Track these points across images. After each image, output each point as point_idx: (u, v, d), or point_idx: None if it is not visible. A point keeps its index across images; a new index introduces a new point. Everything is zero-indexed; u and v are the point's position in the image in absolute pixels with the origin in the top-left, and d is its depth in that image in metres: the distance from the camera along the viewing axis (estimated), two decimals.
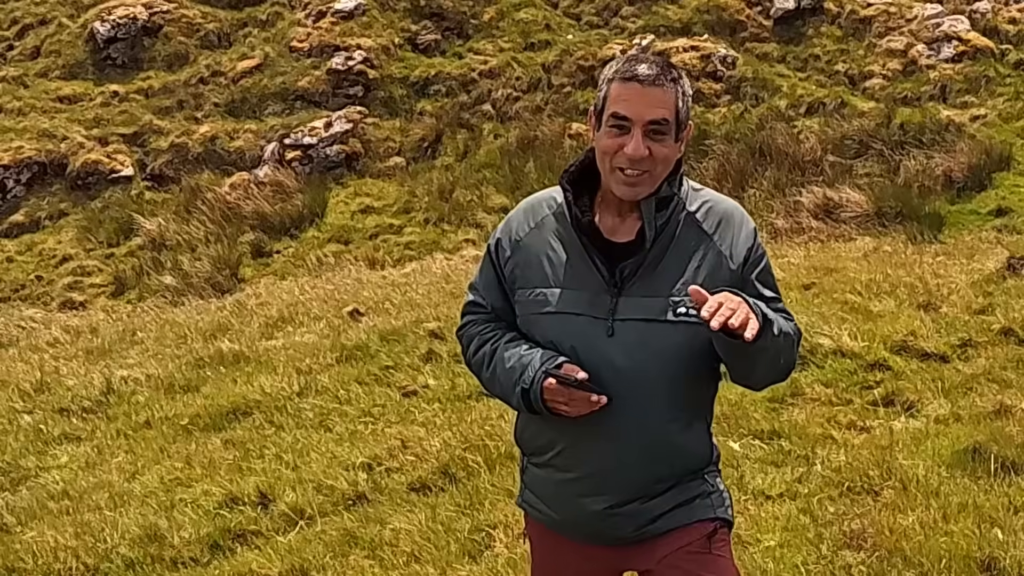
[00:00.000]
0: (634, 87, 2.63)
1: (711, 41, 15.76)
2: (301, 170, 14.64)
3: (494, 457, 5.79)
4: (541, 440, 2.86)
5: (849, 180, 12.71)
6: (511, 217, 2.88)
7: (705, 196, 2.80)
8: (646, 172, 2.65)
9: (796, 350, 2.80)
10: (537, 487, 2.92)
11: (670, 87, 2.65)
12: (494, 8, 16.82)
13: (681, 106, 2.67)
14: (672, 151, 2.69)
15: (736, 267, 2.73)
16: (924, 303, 7.87)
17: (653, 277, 2.69)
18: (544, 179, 13.82)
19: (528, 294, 2.78)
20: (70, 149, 15.17)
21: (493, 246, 2.88)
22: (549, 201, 2.84)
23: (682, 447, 2.79)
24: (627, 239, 2.72)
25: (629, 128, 2.63)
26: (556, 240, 2.77)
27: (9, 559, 5.23)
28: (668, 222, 2.71)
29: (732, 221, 2.77)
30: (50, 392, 8.21)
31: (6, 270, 13.72)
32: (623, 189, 2.67)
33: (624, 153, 2.63)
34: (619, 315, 2.68)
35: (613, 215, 2.75)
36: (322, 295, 10.38)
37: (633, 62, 2.67)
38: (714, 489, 2.86)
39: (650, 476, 2.77)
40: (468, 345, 2.94)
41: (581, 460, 2.77)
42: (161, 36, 16.78)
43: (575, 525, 2.85)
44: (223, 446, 6.54)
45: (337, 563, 4.87)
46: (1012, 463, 5.22)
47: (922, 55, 15.12)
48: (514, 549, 4.79)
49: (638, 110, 2.62)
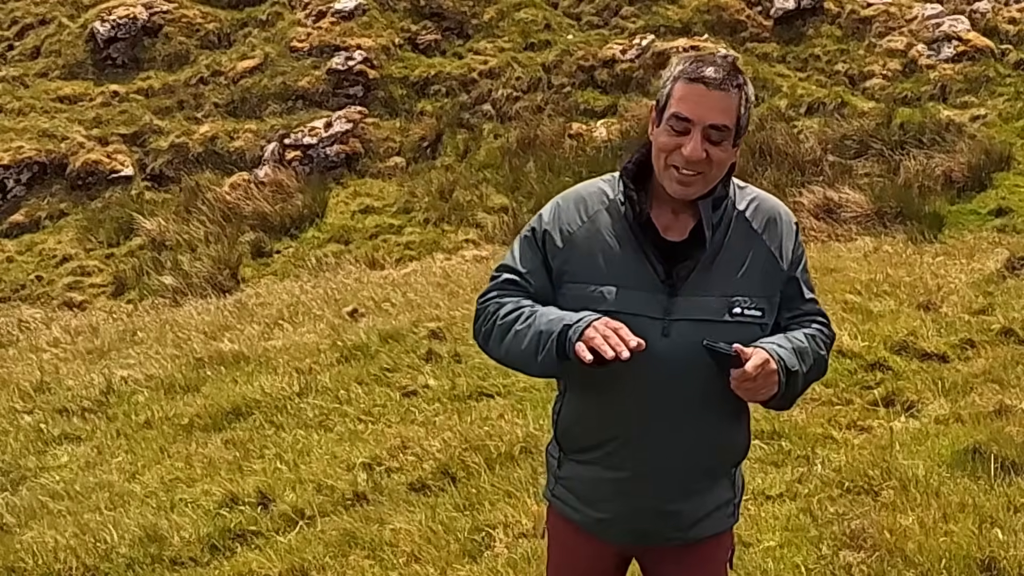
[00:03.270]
0: (699, 89, 2.62)
1: (711, 41, 15.75)
2: (301, 170, 14.63)
3: (494, 457, 5.79)
4: (595, 436, 2.82)
5: (849, 180, 12.71)
6: (560, 208, 2.81)
7: (751, 193, 2.82)
8: (700, 174, 2.65)
9: (826, 361, 2.85)
10: (576, 484, 2.90)
11: (735, 92, 2.64)
12: (494, 8, 16.81)
13: (743, 112, 2.67)
14: (729, 156, 2.69)
15: (785, 267, 2.77)
16: (924, 303, 7.87)
17: (707, 277, 2.70)
18: (544, 179, 13.83)
19: (581, 290, 2.72)
20: (70, 149, 15.16)
21: (540, 236, 2.80)
22: (600, 195, 2.79)
23: (731, 442, 2.86)
24: (680, 238, 2.72)
25: (689, 129, 2.62)
26: (611, 236, 2.73)
27: (9, 559, 5.23)
28: (721, 221, 2.72)
29: (779, 220, 2.80)
30: (50, 392, 8.20)
31: (6, 270, 13.71)
32: (675, 187, 2.67)
33: (681, 153, 2.62)
34: (674, 315, 2.68)
35: (667, 213, 2.74)
36: (322, 295, 10.38)
37: (701, 63, 2.66)
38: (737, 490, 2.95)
39: (699, 472, 2.82)
40: (500, 307, 2.78)
41: (633, 457, 2.77)
42: (161, 36, 16.77)
43: (616, 523, 2.86)
44: (223, 446, 6.54)
45: (337, 563, 4.87)
46: (1012, 463, 5.22)
47: (922, 55, 15.12)
48: (514, 549, 4.79)
49: (700, 112, 2.61)
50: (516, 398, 6.80)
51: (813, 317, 2.84)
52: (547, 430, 6.08)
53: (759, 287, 2.71)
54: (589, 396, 2.79)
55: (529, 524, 5.00)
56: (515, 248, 2.85)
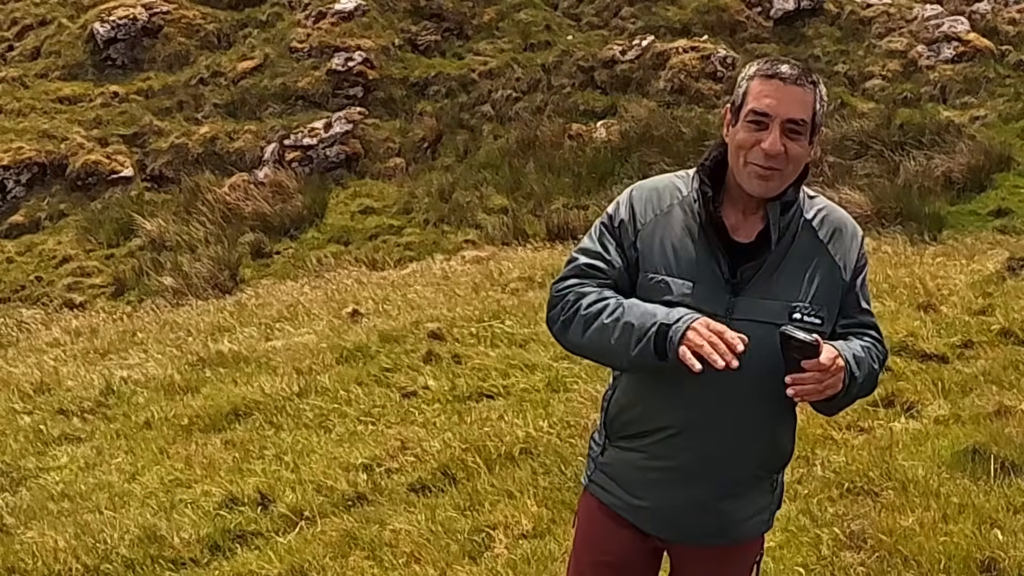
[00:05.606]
0: (776, 84, 2.67)
1: (711, 42, 15.76)
2: (301, 171, 14.63)
3: (494, 458, 5.79)
4: (645, 424, 2.84)
5: (849, 181, 12.71)
6: (634, 200, 2.84)
7: (819, 204, 2.86)
8: (778, 170, 2.68)
9: (877, 377, 2.86)
10: (617, 470, 2.92)
11: (810, 88, 2.69)
12: (494, 9, 16.82)
13: (819, 108, 2.71)
14: (805, 152, 2.72)
15: (848, 278, 2.80)
16: (924, 304, 7.87)
17: (771, 280, 2.73)
18: (544, 179, 13.83)
19: (649, 279, 2.76)
20: (70, 150, 15.16)
21: (616, 225, 2.82)
22: (673, 190, 2.84)
23: (778, 444, 2.90)
24: (747, 239, 2.75)
25: (767, 124, 2.66)
26: (682, 231, 2.77)
27: (9, 560, 5.23)
28: (788, 226, 2.75)
29: (845, 231, 2.84)
30: (50, 393, 8.20)
31: (6, 271, 13.71)
32: (754, 182, 2.70)
33: (760, 148, 2.66)
34: (736, 314, 2.71)
35: (738, 214, 2.77)
36: (322, 296, 10.38)
37: (775, 62, 2.72)
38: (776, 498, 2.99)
39: (744, 471, 2.85)
40: (582, 296, 2.76)
41: (681, 449, 2.80)
42: (161, 37, 16.78)
43: (655, 513, 2.88)
44: (223, 447, 6.54)
45: (337, 564, 4.87)
46: (1012, 464, 5.22)
47: (922, 56, 15.13)
48: (514, 550, 4.79)
49: (778, 107, 2.66)
50: (516, 399, 6.80)
51: (868, 331, 2.86)
52: (547, 431, 6.10)
53: (821, 295, 2.75)
54: (646, 385, 2.83)
55: (529, 525, 5.00)
56: (593, 233, 2.88)
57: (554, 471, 5.56)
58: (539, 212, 13.31)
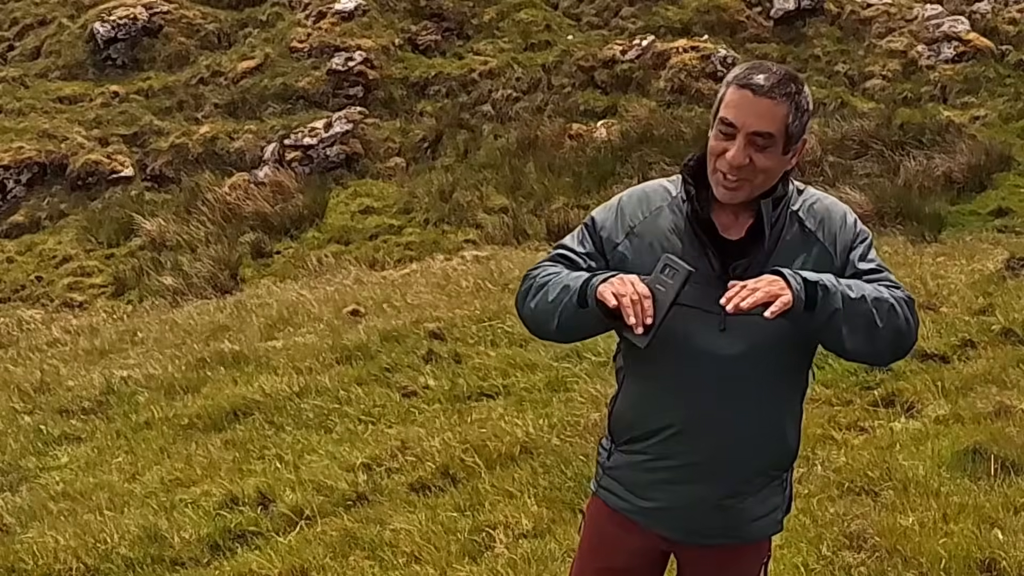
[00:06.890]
0: (745, 95, 2.63)
1: (711, 42, 15.76)
2: (301, 171, 14.64)
3: (494, 458, 5.79)
4: (647, 425, 2.85)
5: (849, 180, 12.72)
6: (622, 204, 2.86)
7: (807, 195, 2.84)
8: (745, 180, 2.66)
9: (904, 315, 2.70)
10: (624, 473, 2.93)
11: (782, 101, 2.64)
12: (494, 9, 16.82)
13: (792, 121, 2.65)
14: (777, 164, 2.69)
15: (840, 257, 2.77)
16: (924, 304, 7.87)
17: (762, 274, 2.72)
18: (544, 179, 13.83)
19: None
20: (70, 149, 15.17)
21: (597, 230, 2.84)
22: (662, 192, 2.85)
23: (782, 440, 2.89)
24: (738, 236, 2.75)
25: (734, 134, 2.64)
26: (671, 232, 2.77)
27: (9, 560, 5.23)
28: (777, 221, 2.74)
29: (833, 215, 2.80)
30: (50, 392, 8.20)
31: (6, 270, 13.71)
32: (720, 191, 2.70)
33: (725, 158, 2.65)
34: None
35: (727, 211, 2.77)
36: (322, 295, 10.38)
37: (753, 70, 2.68)
38: (787, 498, 2.98)
39: (750, 470, 2.85)
40: (546, 271, 2.84)
41: (685, 448, 2.81)
42: (161, 37, 16.78)
43: (664, 514, 2.88)
44: (223, 446, 6.54)
45: (337, 564, 4.87)
46: (1012, 463, 5.22)
47: (922, 56, 15.13)
48: (514, 550, 4.79)
49: (744, 119, 2.63)
50: (516, 399, 6.80)
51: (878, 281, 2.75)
52: (547, 431, 6.10)
53: None
54: (647, 385, 2.84)
55: (529, 524, 5.00)
56: (576, 234, 2.91)
57: (554, 471, 5.56)
58: (539, 212, 13.32)
